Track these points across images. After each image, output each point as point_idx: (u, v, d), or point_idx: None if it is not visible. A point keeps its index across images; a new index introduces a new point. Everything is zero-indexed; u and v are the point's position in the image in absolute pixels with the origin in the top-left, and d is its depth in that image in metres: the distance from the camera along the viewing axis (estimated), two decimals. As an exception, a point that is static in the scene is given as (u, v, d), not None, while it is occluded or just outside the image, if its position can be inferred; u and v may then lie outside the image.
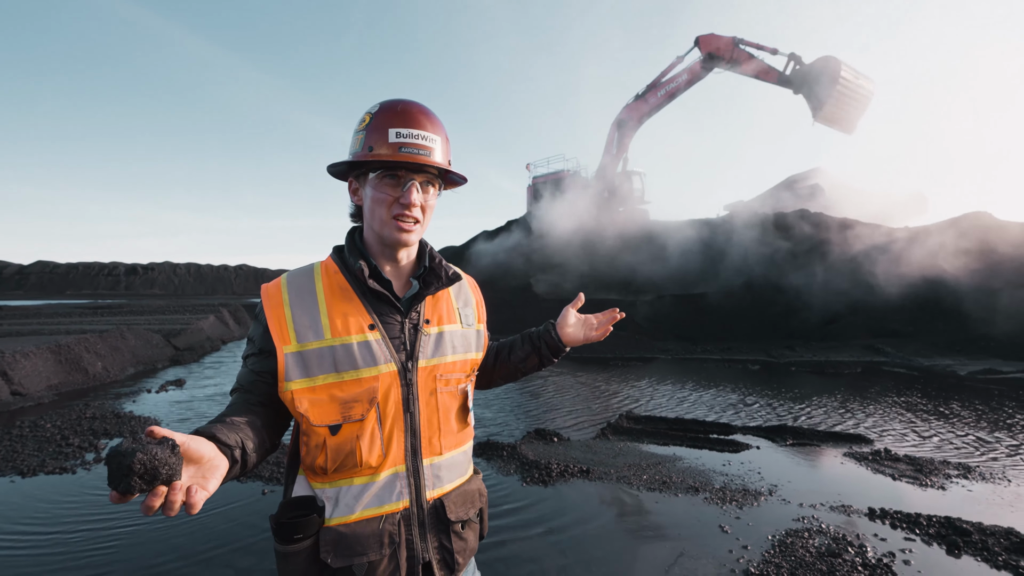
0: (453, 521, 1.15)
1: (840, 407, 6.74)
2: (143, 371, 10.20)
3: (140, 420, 6.32)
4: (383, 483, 1.08)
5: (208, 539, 3.43)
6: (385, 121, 1.10)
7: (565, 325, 1.43)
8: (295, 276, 1.16)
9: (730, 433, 5.73)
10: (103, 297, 42.31)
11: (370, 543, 1.04)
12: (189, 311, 20.04)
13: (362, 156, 1.10)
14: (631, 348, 12.19)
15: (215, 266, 60.36)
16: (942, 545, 3.22)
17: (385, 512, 1.07)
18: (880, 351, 10.78)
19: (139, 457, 0.72)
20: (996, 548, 3.13)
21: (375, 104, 1.14)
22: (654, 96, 19.02)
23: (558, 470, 4.51)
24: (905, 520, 3.53)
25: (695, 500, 3.97)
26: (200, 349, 12.84)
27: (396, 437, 1.09)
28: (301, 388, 1.06)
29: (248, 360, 1.14)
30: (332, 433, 1.05)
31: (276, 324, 1.09)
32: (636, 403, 7.18)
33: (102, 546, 3.35)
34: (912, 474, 4.43)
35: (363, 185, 1.16)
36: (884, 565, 2.98)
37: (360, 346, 1.08)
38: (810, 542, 3.27)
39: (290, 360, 1.07)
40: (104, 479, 4.49)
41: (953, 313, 11.27)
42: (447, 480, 1.17)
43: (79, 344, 9.31)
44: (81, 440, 5.48)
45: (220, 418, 1.01)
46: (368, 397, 1.06)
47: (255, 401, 1.09)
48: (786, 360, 10.64)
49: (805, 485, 4.27)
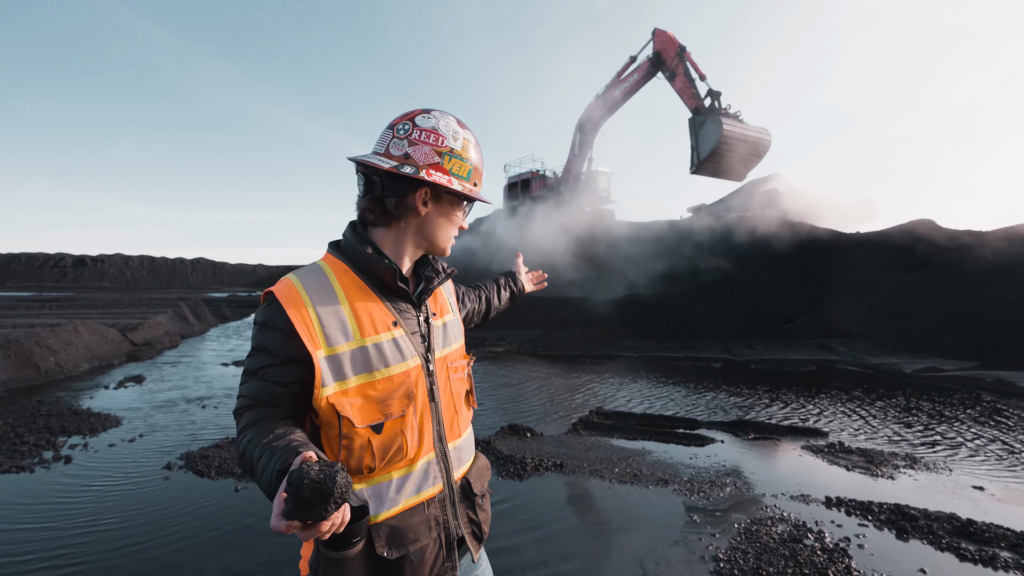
0: (477, 495, 1.26)
1: (797, 403, 7.07)
2: (99, 367, 9.76)
3: (99, 417, 6.09)
4: (419, 471, 1.14)
5: (179, 538, 3.36)
6: (481, 160, 1.25)
7: (520, 275, 1.88)
8: (308, 277, 1.12)
9: (695, 428, 5.94)
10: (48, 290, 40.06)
11: (420, 529, 1.11)
12: (145, 305, 19.24)
13: (473, 193, 1.22)
14: (598, 345, 12.40)
15: (170, 259, 57.83)
16: (892, 530, 3.46)
17: (424, 498, 1.14)
18: (832, 350, 11.31)
19: (339, 482, 0.74)
20: (940, 532, 3.38)
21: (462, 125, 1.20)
22: (611, 96, 18.99)
23: (532, 464, 4.60)
24: (859, 508, 3.76)
25: (665, 492, 4.12)
26: (158, 344, 12.35)
27: (427, 426, 1.16)
28: (337, 392, 1.04)
29: (265, 372, 1.06)
30: (376, 432, 1.06)
31: (304, 328, 1.03)
32: (605, 399, 7.34)
33: (66, 546, 3.24)
34: (864, 465, 4.71)
35: (436, 202, 1.20)
36: (841, 549, 3.18)
37: (389, 344, 1.12)
38: (773, 529, 3.45)
39: (325, 365, 1.04)
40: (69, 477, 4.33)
41: (899, 314, 11.93)
42: (466, 459, 1.29)
43: (29, 339, 8.84)
44: (37, 438, 5.26)
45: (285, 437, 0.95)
46: (405, 392, 1.11)
47: (284, 415, 1.05)
48: (746, 358, 11.05)
49: (767, 476, 4.48)
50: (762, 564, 3.01)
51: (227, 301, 28.48)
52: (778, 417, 6.35)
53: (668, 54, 16.07)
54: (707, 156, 14.16)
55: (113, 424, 5.93)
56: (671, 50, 15.96)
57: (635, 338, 13.32)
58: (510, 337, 14.15)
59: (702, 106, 14.95)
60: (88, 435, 5.49)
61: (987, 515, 3.65)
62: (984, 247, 12.35)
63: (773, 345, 12.07)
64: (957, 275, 12.00)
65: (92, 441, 5.31)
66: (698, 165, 14.61)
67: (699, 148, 14.47)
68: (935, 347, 10.55)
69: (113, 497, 4.01)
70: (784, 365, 10.22)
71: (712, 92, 14.83)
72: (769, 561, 3.04)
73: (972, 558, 3.09)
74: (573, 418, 6.28)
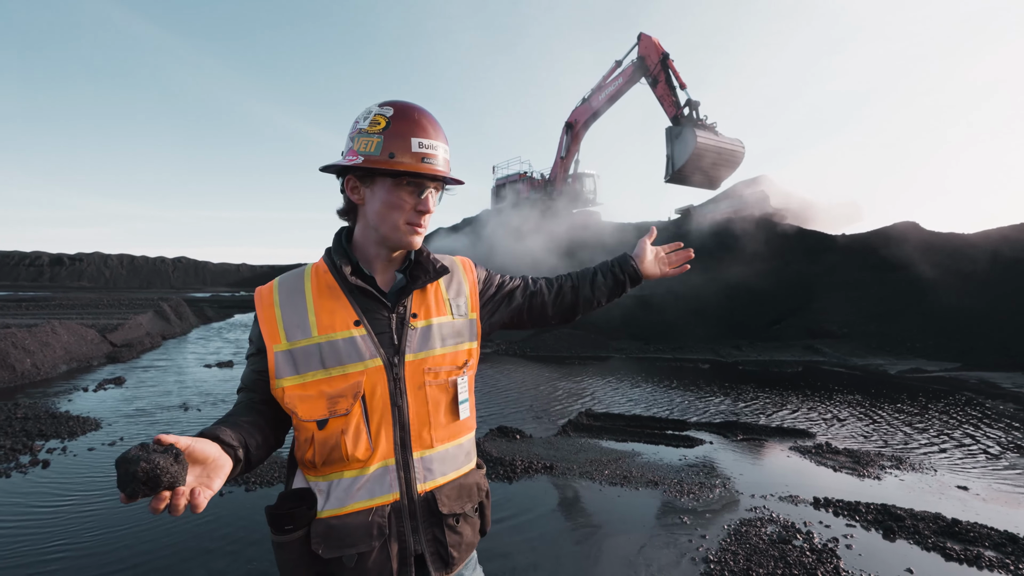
0: (446, 514, 1.15)
1: (784, 404, 7.13)
2: (77, 368, 9.57)
3: (78, 420, 5.95)
4: (373, 476, 1.10)
5: (164, 543, 3.29)
6: (406, 129, 1.12)
7: (643, 258, 1.51)
8: (286, 278, 1.21)
9: (684, 429, 5.96)
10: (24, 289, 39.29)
11: (359, 535, 1.07)
12: (125, 305, 18.96)
13: (384, 163, 1.10)
14: (587, 347, 12.42)
15: (151, 258, 56.73)
16: (879, 530, 3.49)
17: (375, 504, 1.09)
18: (819, 351, 11.44)
19: (142, 466, 0.77)
20: (926, 532, 3.41)
21: (383, 105, 1.14)
22: (597, 99, 19.35)
23: (522, 466, 4.58)
24: (846, 508, 3.79)
25: (655, 493, 4.13)
26: (139, 346, 12.13)
27: (384, 431, 1.11)
28: (292, 385, 1.09)
29: (250, 360, 1.19)
30: (319, 428, 1.08)
31: (267, 324, 1.14)
32: (595, 400, 7.35)
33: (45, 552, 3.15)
34: (851, 465, 4.75)
35: (370, 187, 1.15)
36: (829, 550, 3.19)
37: (345, 342, 1.11)
38: (762, 530, 3.46)
39: (280, 358, 1.11)
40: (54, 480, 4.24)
41: (884, 316, 12.10)
42: (439, 473, 1.17)
43: (4, 339, 8.62)
44: (13, 442, 5.12)
45: (225, 418, 1.06)
46: (353, 392, 1.08)
47: (258, 400, 1.14)
48: (733, 359, 11.13)
49: (755, 477, 4.51)
50: (752, 565, 3.02)
51: (210, 301, 28.16)
52: (766, 418, 6.39)
53: (651, 60, 16.30)
54: (681, 166, 14.59)
55: (92, 427, 5.80)
56: (654, 56, 16.18)
57: (624, 339, 13.37)
58: (499, 338, 14.13)
59: (681, 114, 15.28)
60: (67, 438, 5.37)
61: (971, 515, 3.69)
62: (966, 250, 12.57)
63: (760, 346, 12.17)
64: (940, 277, 12.19)
65: (71, 445, 5.20)
66: (672, 174, 15.04)
67: (674, 157, 14.90)
68: (918, 348, 10.71)
69: (94, 502, 3.92)
70: (771, 366, 10.30)
71: (691, 102, 15.19)
72: (759, 562, 3.05)
73: (957, 557, 3.12)
74: (563, 420, 6.28)
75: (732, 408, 6.88)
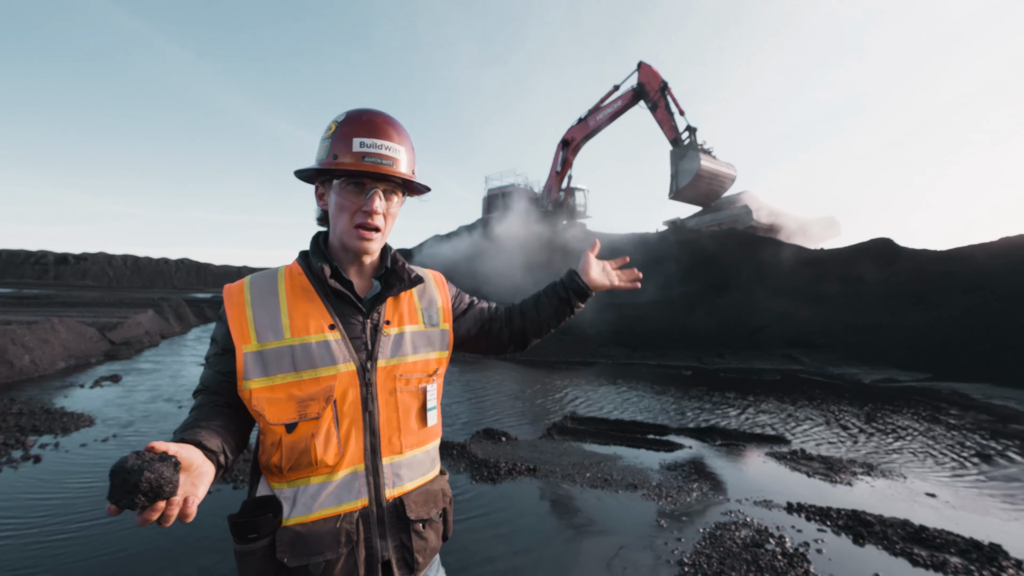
0: (413, 520, 1.16)
1: (762, 411, 7.27)
2: (75, 365, 9.49)
3: (72, 416, 5.91)
4: (341, 482, 1.09)
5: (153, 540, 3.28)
6: (350, 130, 1.13)
7: (587, 270, 1.49)
8: (258, 277, 1.19)
9: (665, 434, 6.06)
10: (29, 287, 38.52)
11: (326, 542, 1.05)
12: (126, 305, 18.74)
13: (327, 164, 1.13)
14: (575, 352, 12.53)
15: (154, 259, 56.35)
16: (849, 535, 3.60)
17: (343, 511, 1.08)
18: (797, 360, 11.66)
19: (146, 476, 0.74)
20: (894, 538, 3.53)
21: (342, 113, 1.17)
22: (594, 119, 20.73)
23: (506, 468, 4.63)
24: (818, 513, 3.90)
25: (634, 496, 4.20)
26: (138, 344, 12.05)
27: (354, 436, 1.11)
28: (260, 387, 1.08)
29: (212, 360, 1.15)
30: (288, 431, 1.06)
31: (236, 324, 1.11)
32: (579, 404, 7.43)
33: (32, 546, 3.13)
34: (824, 471, 4.88)
35: (328, 191, 1.19)
36: (800, 554, 3.29)
37: (319, 345, 1.10)
38: (736, 534, 3.56)
39: (249, 359, 1.09)
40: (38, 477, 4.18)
41: (860, 327, 12.37)
42: (407, 479, 1.18)
43: (4, 335, 8.54)
44: (7, 437, 5.08)
45: (196, 422, 1.03)
46: (325, 396, 1.08)
47: (223, 403, 1.11)
48: (715, 367, 11.30)
49: (732, 482, 4.61)
50: (725, 568, 3.10)
51: (210, 302, 27.88)
52: (744, 424, 6.52)
53: (651, 87, 17.88)
54: (684, 186, 16.30)
55: (87, 423, 5.76)
56: (655, 84, 17.72)
57: (611, 346, 13.50)
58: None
59: (679, 138, 16.90)
60: (60, 434, 5.32)
61: (938, 521, 3.82)
62: (939, 264, 12.93)
63: (742, 355, 12.37)
64: (913, 291, 12.51)
65: (64, 441, 5.15)
66: (676, 192, 16.77)
67: (678, 178, 16.60)
68: (892, 359, 10.97)
69: (84, 497, 3.89)
70: (751, 374, 10.48)
71: (690, 127, 16.76)
72: (732, 565, 3.14)
73: (924, 563, 3.24)
74: (547, 423, 6.34)
75: (712, 414, 7.00)
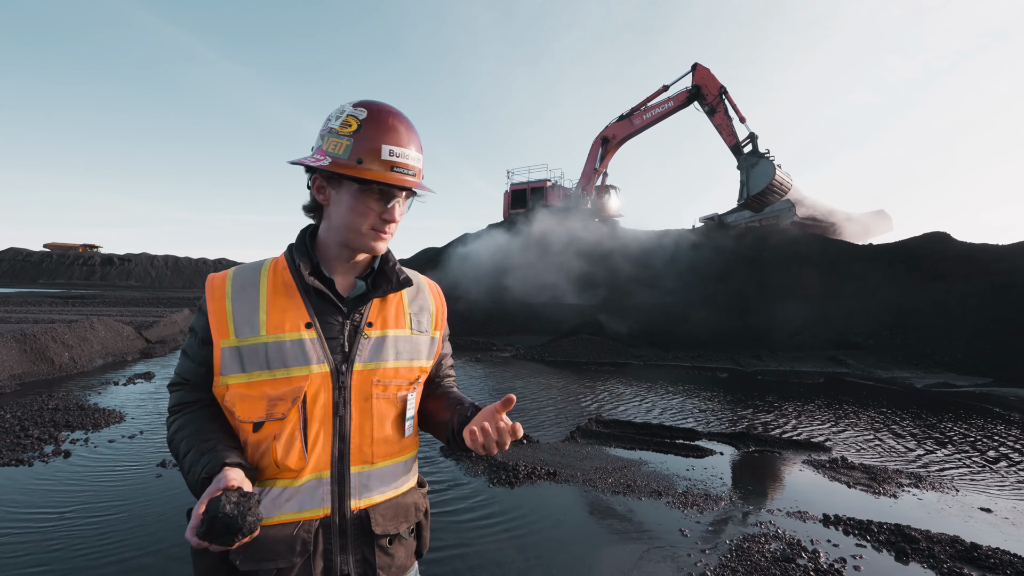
0: (379, 535, 1.09)
1: (801, 416, 6.92)
2: (112, 363, 9.90)
3: (104, 413, 6.14)
4: (305, 487, 1.04)
5: (167, 535, 3.34)
6: (377, 135, 1.05)
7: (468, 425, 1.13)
8: (243, 269, 1.15)
9: (695, 439, 5.82)
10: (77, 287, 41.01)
11: (279, 549, 1.00)
12: (164, 304, 19.62)
13: (352, 169, 1.04)
14: (605, 353, 12.28)
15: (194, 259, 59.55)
16: (891, 552, 3.33)
17: (304, 518, 1.03)
18: (842, 363, 11.09)
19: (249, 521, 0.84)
20: (942, 556, 3.25)
21: (357, 105, 1.08)
22: (639, 118, 20.29)
23: (525, 472, 4.52)
24: (857, 527, 3.63)
25: (658, 504, 4.03)
26: (172, 342, 12.54)
27: (322, 441, 1.06)
28: (238, 383, 1.05)
29: (191, 352, 1.12)
30: (254, 430, 1.03)
31: (216, 317, 1.08)
32: (605, 407, 7.24)
33: (51, 539, 3.22)
34: (866, 482, 4.57)
35: (336, 189, 1.10)
36: (835, 571, 3.06)
37: (293, 344, 1.06)
38: (766, 547, 3.34)
39: (226, 354, 1.06)
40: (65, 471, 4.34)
41: (911, 328, 11.68)
42: (376, 490, 1.12)
43: (46, 333, 9.03)
44: (41, 432, 5.30)
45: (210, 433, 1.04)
46: (292, 396, 1.03)
47: (208, 400, 1.11)
48: (753, 369, 10.87)
49: (764, 491, 4.37)
50: (752, 583, 2.91)
51: None
52: (781, 430, 6.21)
53: (709, 90, 17.53)
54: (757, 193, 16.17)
55: (116, 420, 5.97)
56: (712, 88, 17.41)
57: (643, 346, 13.20)
58: (518, 343, 14.09)
59: (740, 144, 16.73)
60: (90, 430, 5.53)
61: (994, 539, 3.50)
62: (999, 262, 12.06)
63: (781, 356, 11.88)
64: (970, 289, 11.72)
65: (93, 436, 5.35)
66: (746, 200, 16.63)
67: (749, 185, 16.45)
68: (946, 362, 10.30)
69: (105, 492, 4.00)
70: (791, 376, 10.04)
71: (752, 135, 16.54)
72: (759, 580, 2.94)
73: (974, 584, 2.96)
74: (571, 425, 6.20)
75: (746, 418, 6.70)
